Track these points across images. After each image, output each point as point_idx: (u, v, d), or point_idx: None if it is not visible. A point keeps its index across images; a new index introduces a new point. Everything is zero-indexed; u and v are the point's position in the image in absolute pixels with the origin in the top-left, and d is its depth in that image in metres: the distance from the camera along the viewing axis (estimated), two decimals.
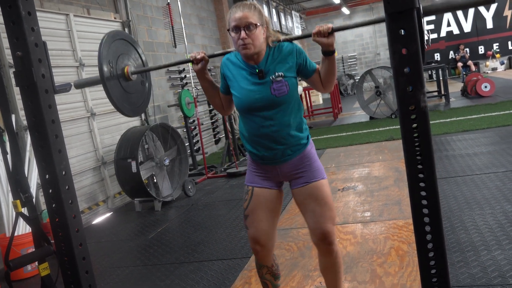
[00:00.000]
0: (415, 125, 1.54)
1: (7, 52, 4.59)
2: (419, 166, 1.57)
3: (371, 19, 1.95)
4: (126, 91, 2.41)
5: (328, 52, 2.13)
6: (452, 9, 1.70)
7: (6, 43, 4.52)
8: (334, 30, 2.02)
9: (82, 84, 2.42)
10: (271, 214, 2.33)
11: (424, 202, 1.58)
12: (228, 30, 2.15)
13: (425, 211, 1.59)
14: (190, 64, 2.52)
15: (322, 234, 2.24)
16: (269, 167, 2.30)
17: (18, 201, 2.08)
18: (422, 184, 1.58)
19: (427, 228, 1.59)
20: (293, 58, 2.19)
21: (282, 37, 2.23)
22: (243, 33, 2.08)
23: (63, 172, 1.93)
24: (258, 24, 2.11)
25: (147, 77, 2.67)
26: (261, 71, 2.17)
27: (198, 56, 2.25)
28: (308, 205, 2.28)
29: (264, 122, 2.20)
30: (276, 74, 2.16)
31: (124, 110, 2.41)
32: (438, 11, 1.66)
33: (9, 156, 2.26)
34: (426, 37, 1.74)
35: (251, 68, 2.20)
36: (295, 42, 2.26)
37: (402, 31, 1.50)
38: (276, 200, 2.36)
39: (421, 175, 1.57)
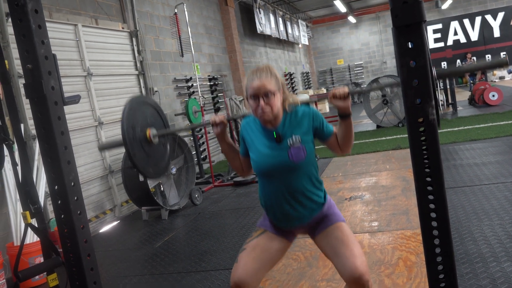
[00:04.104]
0: (423, 137, 1.54)
1: (17, 62, 4.64)
2: (428, 179, 1.56)
3: (387, 83, 1.99)
4: (149, 154, 2.43)
5: (345, 115, 2.15)
6: (461, 74, 1.72)
7: (15, 54, 4.57)
8: (351, 93, 2.07)
9: (105, 147, 2.49)
10: (269, 261, 2.26)
11: (433, 214, 1.58)
12: (246, 97, 2.17)
13: (434, 223, 1.58)
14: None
15: (353, 277, 2.06)
16: (284, 228, 2.31)
17: (27, 213, 2.09)
18: (431, 197, 1.57)
19: (436, 241, 1.58)
20: (310, 122, 2.20)
21: (298, 99, 2.24)
22: (261, 102, 2.11)
23: (72, 183, 1.94)
24: (275, 91, 2.13)
25: (167, 137, 2.69)
26: (278, 135, 2.19)
27: (218, 120, 2.26)
28: (332, 247, 2.21)
29: (281, 185, 2.21)
30: (294, 138, 2.17)
31: (148, 175, 2.44)
32: (451, 75, 1.67)
33: (18, 167, 2.27)
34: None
35: (268, 132, 2.22)
36: (311, 105, 2.27)
37: (410, 44, 1.51)
38: (281, 250, 2.32)
39: (429, 188, 1.57)
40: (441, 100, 12.57)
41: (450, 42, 19.50)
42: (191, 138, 7.84)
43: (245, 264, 2.18)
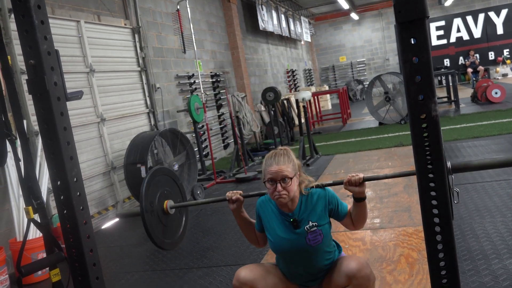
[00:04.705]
0: (426, 134, 1.54)
1: (19, 58, 4.65)
2: (430, 175, 1.56)
3: (402, 172, 2.13)
4: (166, 225, 2.50)
5: (359, 199, 2.20)
6: (475, 169, 1.88)
7: (18, 50, 4.58)
8: (365, 179, 2.12)
9: (124, 216, 2.63)
10: (273, 285, 2.31)
11: (435, 211, 1.58)
12: (264, 181, 2.22)
13: (436, 220, 1.58)
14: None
15: (349, 274, 2.15)
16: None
17: (30, 208, 2.10)
18: (433, 193, 1.57)
19: (438, 238, 1.58)
20: (326, 205, 2.26)
21: (314, 183, 2.29)
22: (279, 186, 2.15)
23: (75, 179, 1.94)
24: (293, 175, 2.18)
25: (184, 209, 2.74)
26: (295, 221, 2.24)
27: (234, 197, 2.31)
28: (333, 273, 2.28)
29: (299, 264, 2.29)
30: (311, 224, 2.22)
31: (166, 247, 2.52)
32: (466, 169, 1.84)
33: (21, 163, 2.27)
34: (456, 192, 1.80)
35: (285, 216, 2.27)
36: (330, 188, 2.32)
37: (413, 40, 1.50)
38: None
39: (432, 184, 1.57)
40: (447, 96, 12.53)
41: (453, 39, 19.43)
42: (193, 135, 7.84)
43: (254, 268, 2.29)
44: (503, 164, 1.77)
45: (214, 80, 9.93)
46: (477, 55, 18.78)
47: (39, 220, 2.24)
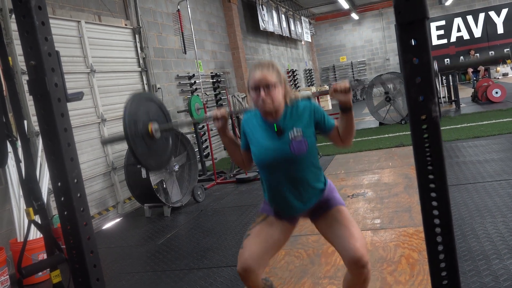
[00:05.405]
0: (426, 135, 1.53)
1: (20, 58, 4.65)
2: (430, 176, 1.56)
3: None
4: (151, 148, 2.45)
5: (346, 109, 2.19)
6: (461, 67, 1.77)
7: (18, 50, 4.58)
8: (352, 87, 2.12)
9: (108, 141, 2.52)
10: (274, 246, 2.31)
11: (436, 212, 1.57)
12: (248, 90, 2.22)
13: (436, 221, 1.58)
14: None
15: (353, 258, 2.13)
16: (287, 216, 2.37)
17: (30, 209, 2.10)
18: (433, 194, 1.57)
19: (439, 239, 1.58)
20: (311, 115, 2.24)
21: (299, 95, 2.29)
22: (262, 93, 2.15)
23: (75, 180, 1.94)
24: (277, 83, 2.17)
25: (169, 132, 2.70)
26: (279, 128, 2.23)
27: (219, 115, 2.30)
28: (333, 229, 2.26)
29: (283, 177, 2.25)
30: (295, 131, 2.20)
31: (150, 168, 2.46)
32: (454, 68, 1.71)
33: (21, 164, 2.28)
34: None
35: (269, 125, 2.25)
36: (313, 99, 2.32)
37: (413, 41, 1.50)
38: (285, 234, 2.37)
39: (432, 185, 1.56)
40: (443, 97, 12.54)
41: (453, 38, 19.43)
42: (194, 135, 7.85)
43: (250, 249, 2.24)
44: (491, 61, 1.74)
45: (214, 80, 9.93)
46: (478, 55, 18.76)
47: (39, 221, 2.25)
